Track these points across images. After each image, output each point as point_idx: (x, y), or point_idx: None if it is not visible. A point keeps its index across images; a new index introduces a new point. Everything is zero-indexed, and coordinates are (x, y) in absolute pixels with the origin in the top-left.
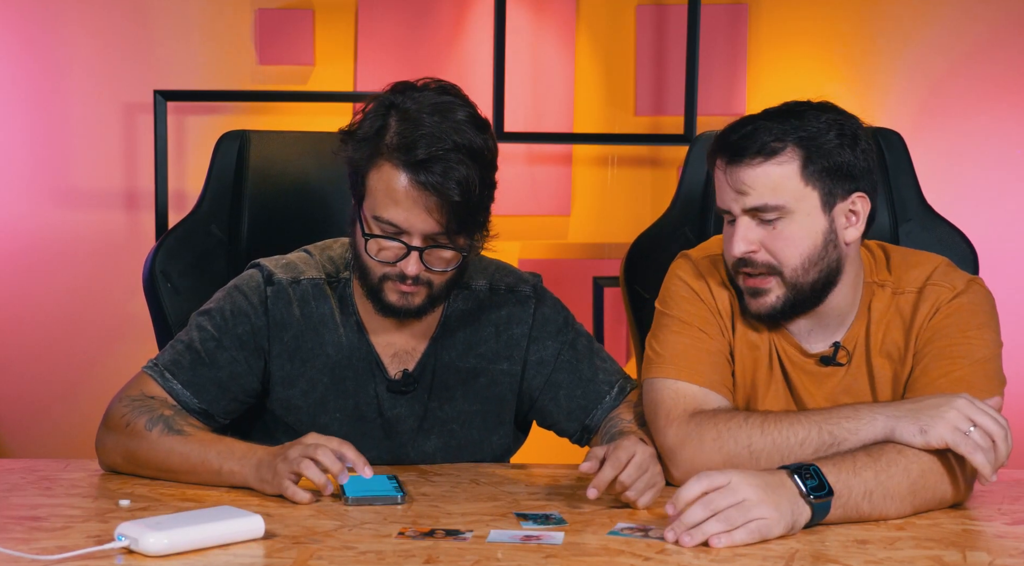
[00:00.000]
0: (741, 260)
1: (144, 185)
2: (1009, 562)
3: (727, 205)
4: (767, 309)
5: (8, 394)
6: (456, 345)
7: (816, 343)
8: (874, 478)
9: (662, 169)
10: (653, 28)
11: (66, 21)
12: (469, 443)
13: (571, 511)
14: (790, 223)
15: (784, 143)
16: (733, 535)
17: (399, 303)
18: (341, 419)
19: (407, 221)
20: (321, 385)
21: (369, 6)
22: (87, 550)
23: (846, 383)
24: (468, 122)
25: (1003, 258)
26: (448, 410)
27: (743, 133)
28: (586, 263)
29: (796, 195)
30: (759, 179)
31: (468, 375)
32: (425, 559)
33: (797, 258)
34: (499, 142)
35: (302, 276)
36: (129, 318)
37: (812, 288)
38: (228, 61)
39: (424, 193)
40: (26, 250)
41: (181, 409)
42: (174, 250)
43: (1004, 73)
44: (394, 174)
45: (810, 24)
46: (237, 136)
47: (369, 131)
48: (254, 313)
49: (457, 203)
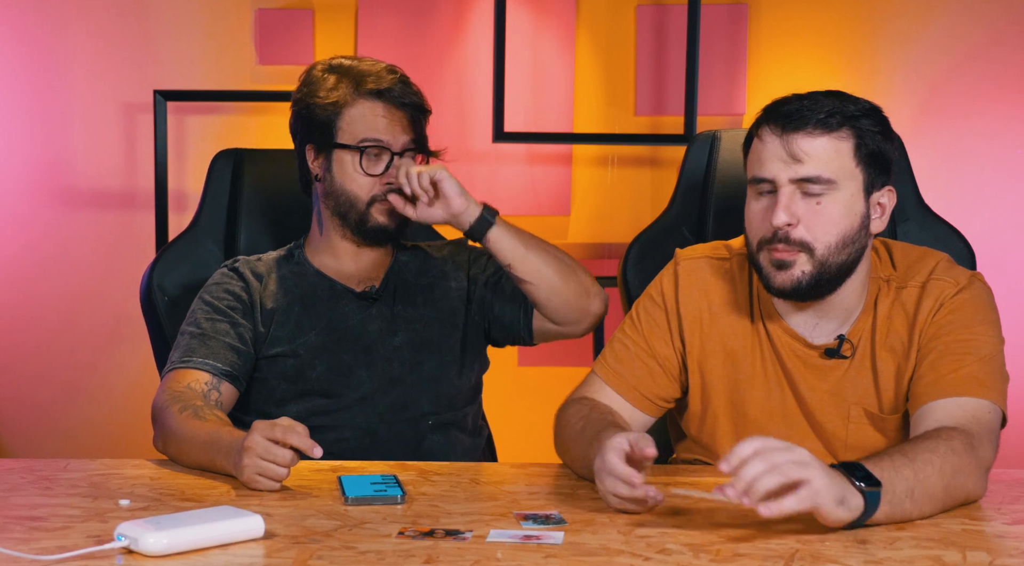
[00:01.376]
0: (775, 234)
1: (144, 185)
2: (1009, 562)
3: (772, 173)
4: (792, 283)
5: (8, 394)
6: (411, 270)
7: (820, 337)
8: (913, 476)
9: (662, 169)
10: (653, 28)
11: (66, 21)
12: (429, 342)
13: (571, 511)
14: (835, 201)
15: (841, 120)
16: (783, 504)
17: (389, 221)
18: (318, 333)
19: (389, 137)
20: (295, 314)
21: (369, 6)
22: (87, 550)
23: (849, 377)
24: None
25: (1003, 258)
26: (412, 312)
27: (803, 104)
28: (586, 263)
29: (847, 173)
30: (818, 149)
31: (425, 288)
32: (425, 559)
33: (834, 236)
34: (499, 142)
35: (260, 256)
36: (128, 318)
37: (838, 270)
38: (228, 61)
39: (396, 111)
40: (26, 250)
41: (208, 400)
42: (171, 264)
43: (1004, 73)
44: (369, 104)
45: (810, 24)
46: (232, 154)
47: (322, 85)
48: (231, 284)
49: (418, 116)
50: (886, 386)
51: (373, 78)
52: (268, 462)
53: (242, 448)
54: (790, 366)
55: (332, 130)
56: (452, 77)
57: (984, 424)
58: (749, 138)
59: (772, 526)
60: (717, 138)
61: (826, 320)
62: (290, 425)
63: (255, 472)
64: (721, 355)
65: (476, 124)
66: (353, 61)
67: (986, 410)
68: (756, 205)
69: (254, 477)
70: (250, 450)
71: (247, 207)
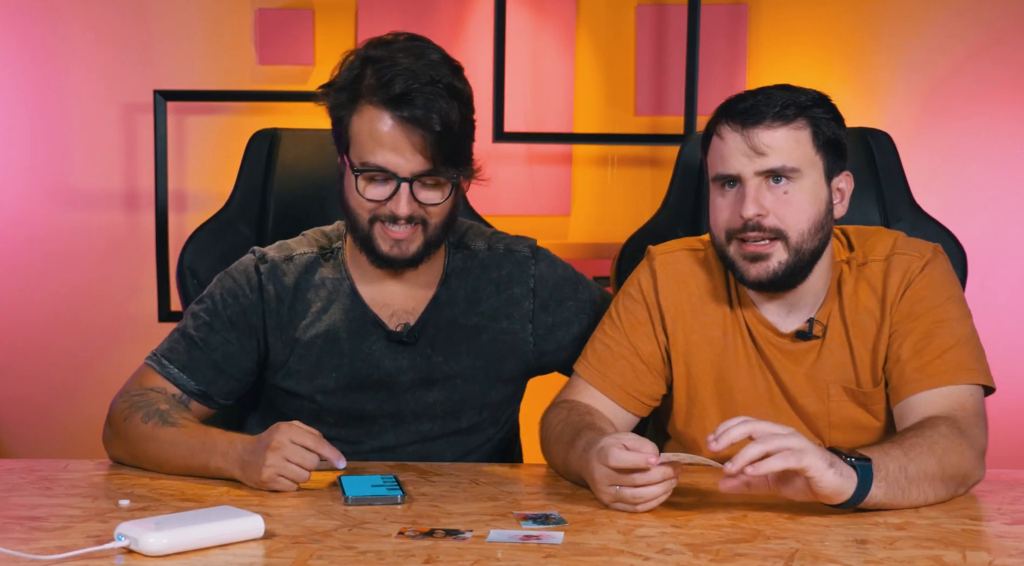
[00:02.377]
0: (746, 224)
1: (144, 185)
2: (1009, 562)
3: (736, 169)
4: (768, 275)
5: (8, 394)
6: (458, 302)
7: (790, 325)
8: (903, 455)
9: (662, 169)
10: (653, 28)
11: (66, 21)
12: (470, 396)
13: (571, 511)
14: (800, 189)
15: (797, 111)
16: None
17: (392, 252)
18: (337, 378)
19: (394, 162)
20: (316, 348)
21: (369, 6)
22: (87, 550)
23: (824, 357)
24: (442, 62)
25: (1003, 258)
26: (454, 365)
27: (757, 99)
28: (586, 263)
29: (809, 160)
30: (779, 141)
31: (471, 331)
32: (425, 559)
33: (804, 223)
34: (499, 142)
35: (294, 253)
36: (129, 318)
37: (811, 256)
38: (228, 61)
39: (407, 129)
40: (26, 250)
41: (177, 402)
42: (202, 247)
43: (1004, 73)
44: (376, 115)
45: (810, 24)
46: (268, 134)
47: (347, 79)
48: (243, 293)
49: (440, 135)
50: (862, 362)
51: (389, 80)
52: (293, 464)
53: (266, 446)
54: (767, 352)
55: (343, 133)
56: None
57: (969, 409)
58: (707, 138)
59: (772, 526)
60: None
61: (796, 308)
62: (320, 435)
63: (277, 472)
64: (705, 344)
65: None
66: (392, 51)
67: (968, 394)
68: (722, 201)
69: (275, 476)
70: (277, 450)
71: (277, 189)
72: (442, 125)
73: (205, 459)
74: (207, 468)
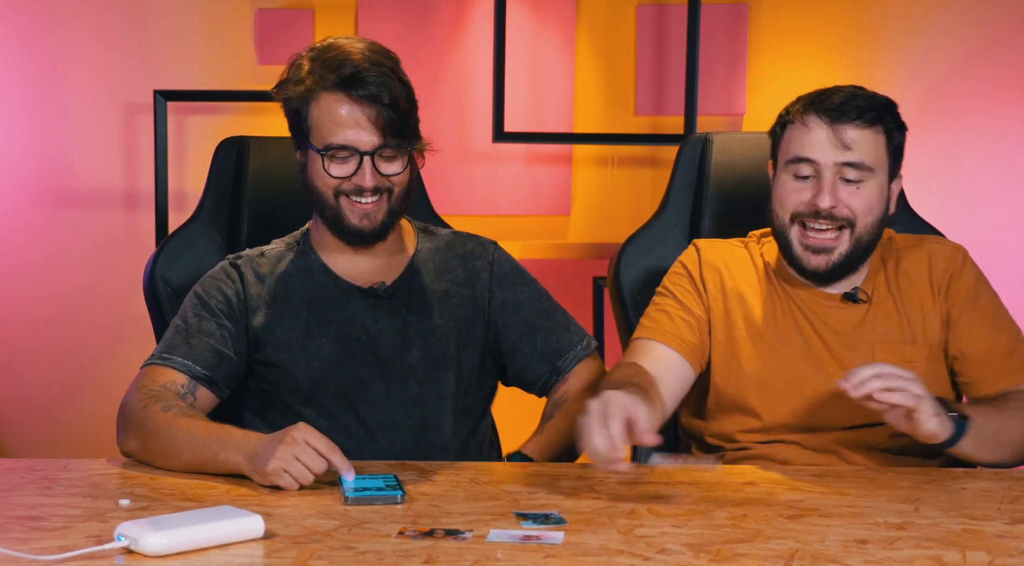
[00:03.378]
0: (818, 212)
1: (144, 185)
2: (1009, 562)
3: (817, 156)
4: (829, 266)
5: (8, 394)
6: (428, 272)
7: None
8: (999, 423)
9: (662, 169)
10: (653, 28)
11: (66, 21)
12: (446, 356)
13: (571, 511)
14: (871, 186)
15: (879, 116)
16: (892, 395)
17: (362, 224)
18: (329, 342)
19: (355, 138)
20: (302, 319)
21: (369, 6)
22: (87, 550)
23: (869, 319)
24: (381, 49)
25: (1003, 258)
26: (427, 323)
27: (845, 98)
28: (586, 263)
29: (881, 163)
30: (865, 139)
31: (442, 295)
32: (425, 559)
33: (871, 216)
34: (499, 142)
35: (264, 249)
36: (129, 318)
37: (866, 248)
38: (228, 61)
39: (363, 107)
40: (26, 250)
41: (192, 391)
42: (174, 255)
43: (1004, 73)
44: (333, 99)
45: (810, 24)
46: (236, 142)
47: (298, 74)
48: (224, 283)
49: (392, 109)
50: (910, 322)
51: (338, 65)
52: (301, 463)
53: (280, 440)
54: (810, 315)
55: (302, 125)
56: (452, 77)
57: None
58: (782, 125)
59: (772, 526)
60: (709, 141)
61: (836, 287)
62: (334, 444)
63: (284, 466)
64: (742, 312)
65: (476, 124)
66: (336, 43)
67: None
68: (792, 184)
69: (280, 470)
70: (290, 446)
71: (251, 196)
72: (392, 100)
73: (215, 450)
74: (215, 460)
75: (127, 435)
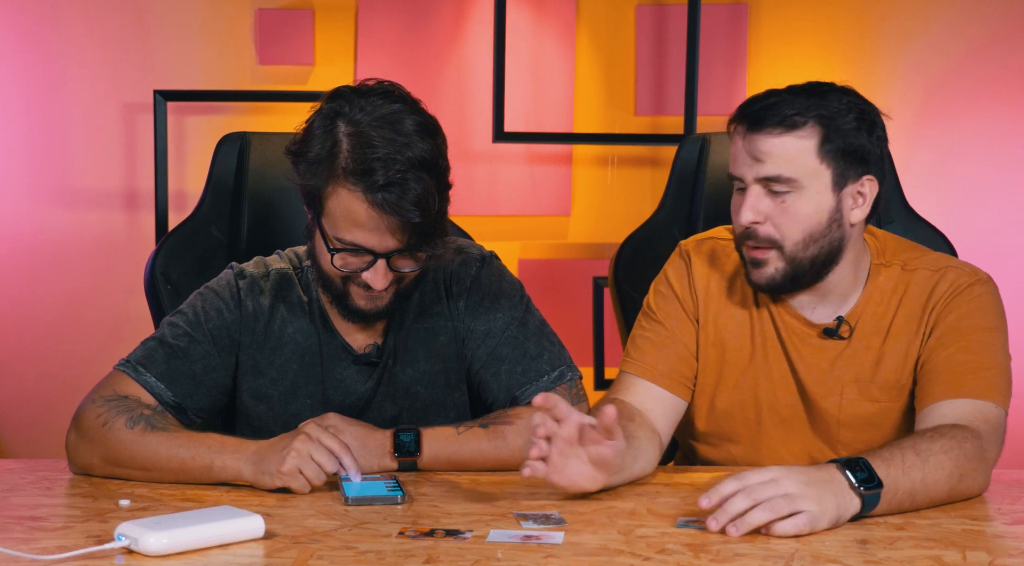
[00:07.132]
0: (745, 231)
1: (144, 185)
2: (1009, 562)
3: (740, 172)
4: (766, 280)
5: (8, 394)
6: (411, 307)
7: (819, 317)
8: (921, 479)
9: (662, 169)
10: (653, 28)
11: (66, 21)
12: (432, 403)
13: (571, 511)
14: (799, 198)
15: (805, 118)
16: (780, 526)
17: (367, 308)
18: (312, 405)
19: (369, 242)
20: (291, 372)
21: (369, 6)
22: (87, 550)
23: (847, 356)
24: (418, 132)
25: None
26: (411, 373)
27: (766, 103)
28: (586, 263)
29: (809, 171)
30: (776, 149)
31: (428, 334)
32: (425, 559)
33: (799, 233)
34: (499, 142)
35: (271, 268)
36: (129, 318)
37: (812, 263)
38: (228, 61)
39: (384, 215)
40: (26, 250)
41: (159, 408)
42: (175, 252)
43: (1004, 73)
44: (353, 199)
45: (810, 24)
46: (237, 138)
47: (321, 152)
48: (226, 308)
49: (418, 217)
50: (889, 364)
51: (368, 169)
52: (315, 463)
53: (294, 437)
54: (789, 345)
55: (316, 198)
56: (452, 77)
57: (992, 423)
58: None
59: None
60: (707, 140)
61: (823, 302)
62: (346, 444)
63: (298, 466)
64: (733, 327)
65: (476, 124)
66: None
67: (994, 410)
68: (736, 201)
69: (295, 470)
70: (305, 443)
71: (252, 192)
72: (420, 214)
73: (208, 460)
74: (209, 470)
75: (81, 449)
